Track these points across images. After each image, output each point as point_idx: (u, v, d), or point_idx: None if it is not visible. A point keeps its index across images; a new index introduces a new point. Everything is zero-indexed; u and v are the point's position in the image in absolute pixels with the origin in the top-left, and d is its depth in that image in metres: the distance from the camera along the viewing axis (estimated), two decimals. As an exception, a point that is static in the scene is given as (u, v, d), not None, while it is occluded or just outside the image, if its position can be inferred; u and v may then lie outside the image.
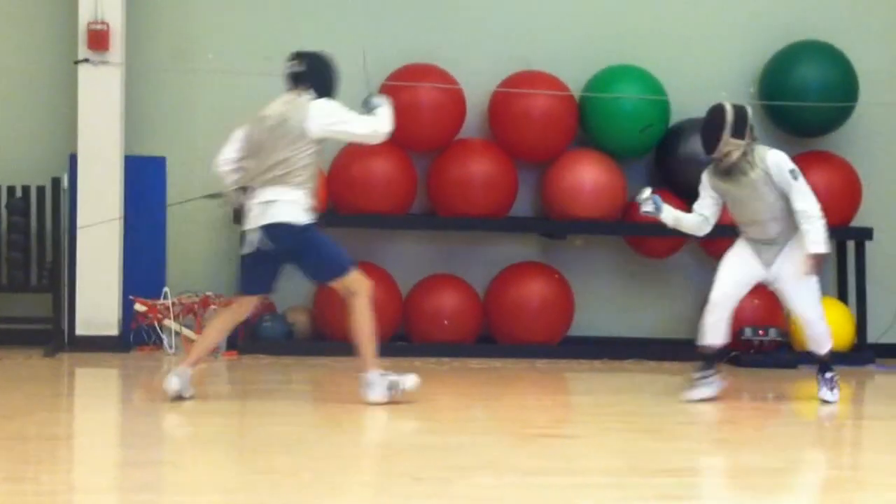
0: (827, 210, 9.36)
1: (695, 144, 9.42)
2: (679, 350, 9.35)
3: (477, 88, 9.36)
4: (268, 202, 6.77)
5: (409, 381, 6.94)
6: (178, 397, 6.85)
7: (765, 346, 9.09)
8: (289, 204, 6.76)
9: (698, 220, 7.58)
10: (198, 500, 4.90)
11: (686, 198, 9.40)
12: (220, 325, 7.14)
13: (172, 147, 9.31)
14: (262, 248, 6.77)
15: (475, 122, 9.46)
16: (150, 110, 9.30)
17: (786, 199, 7.24)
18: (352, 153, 9.22)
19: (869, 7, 9.93)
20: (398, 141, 9.24)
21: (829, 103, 9.44)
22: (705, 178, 7.46)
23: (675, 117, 9.50)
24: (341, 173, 9.20)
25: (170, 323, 8.85)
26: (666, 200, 8.17)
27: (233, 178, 6.92)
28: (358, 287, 6.96)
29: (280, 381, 8.17)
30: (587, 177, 9.23)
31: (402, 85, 9.12)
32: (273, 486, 5.11)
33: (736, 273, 7.41)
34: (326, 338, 9.17)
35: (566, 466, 5.76)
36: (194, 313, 8.89)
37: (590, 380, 8.54)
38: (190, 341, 8.69)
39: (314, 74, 6.89)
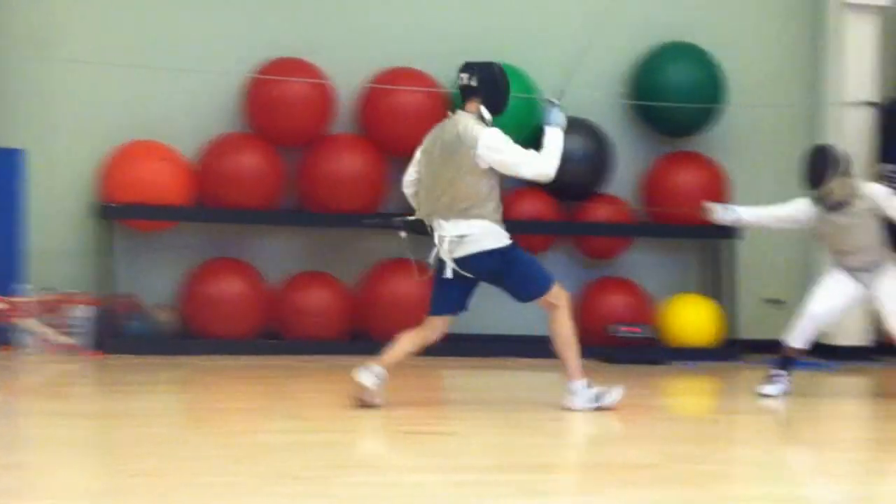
0: (696, 209, 9.63)
1: (567, 142, 9.50)
2: (550, 347, 9.39)
3: (348, 83, 9.27)
4: (460, 236, 6.67)
5: (615, 393, 6.92)
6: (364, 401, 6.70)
7: (636, 342, 9.19)
8: (482, 236, 6.66)
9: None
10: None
11: (558, 195, 9.47)
12: (409, 346, 6.95)
13: (32, 139, 8.98)
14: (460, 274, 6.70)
15: (346, 118, 9.37)
16: (8, 101, 8.96)
17: (878, 223, 7.82)
18: (220, 147, 9.04)
19: (737, 11, 10.12)
20: (267, 135, 9.11)
21: (698, 104, 9.58)
22: (806, 203, 7.93)
23: (548, 115, 9.54)
24: (209, 167, 9.01)
25: (29, 321, 8.54)
26: (538, 197, 8.33)
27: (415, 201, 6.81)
28: (558, 300, 6.93)
29: (147, 381, 7.94)
30: (459, 174, 9.20)
31: (271, 79, 8.97)
32: (143, 489, 4.94)
33: (835, 296, 7.90)
34: (194, 336, 8.95)
35: (443, 463, 5.72)
36: (55, 311, 8.58)
37: (466, 377, 8.52)
38: (50, 340, 8.44)
39: (485, 88, 6.67)
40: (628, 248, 9.73)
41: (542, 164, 6.69)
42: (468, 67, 6.75)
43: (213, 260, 9.09)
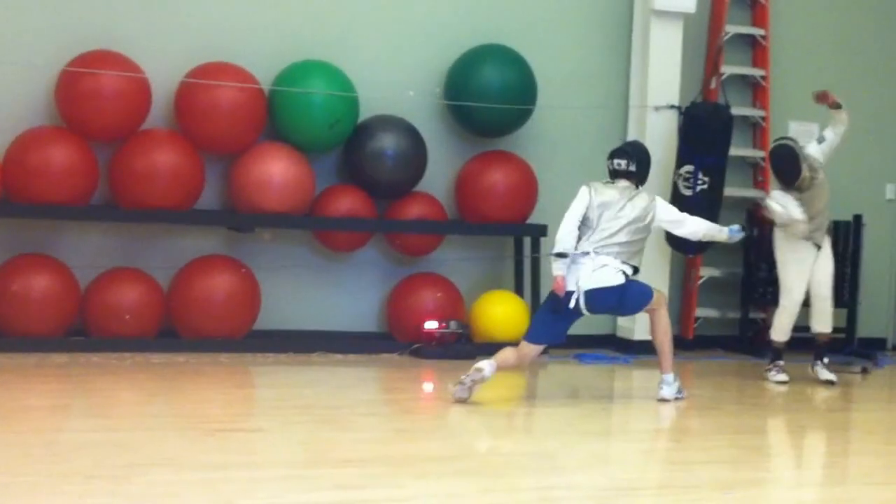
0: (506, 208, 9.86)
1: (381, 140, 9.66)
2: (364, 343, 9.53)
3: (164, 78, 9.18)
4: (602, 267, 7.61)
5: (684, 394, 7.99)
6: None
7: (445, 337, 9.33)
8: (616, 271, 7.64)
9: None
10: None
11: (372, 192, 9.59)
12: (502, 362, 7.57)
13: None
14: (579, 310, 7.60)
15: (162, 113, 9.27)
16: None
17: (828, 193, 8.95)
18: (28, 140, 8.86)
19: (550, 15, 10.29)
20: (78, 129, 8.98)
21: (509, 105, 9.78)
22: (780, 193, 8.94)
23: (364, 114, 9.63)
24: (16, 161, 8.81)
25: None
26: (352, 195, 8.48)
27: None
28: (659, 303, 7.87)
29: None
30: (275, 170, 9.22)
31: (83, 72, 8.85)
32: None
33: (803, 281, 8.94)
34: (0, 333, 8.77)
35: (247, 460, 5.77)
36: None
37: (275, 373, 8.51)
38: None
39: (643, 170, 7.95)
40: (441, 246, 9.89)
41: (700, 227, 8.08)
42: (626, 154, 7.95)
43: (21, 256, 8.92)
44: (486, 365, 7.43)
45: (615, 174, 7.90)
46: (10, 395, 7.31)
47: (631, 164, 7.86)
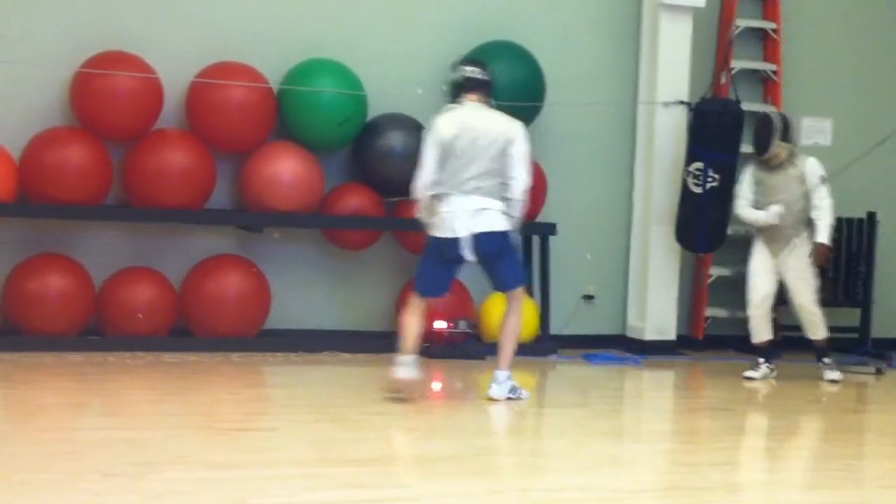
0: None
1: (391, 139, 9.69)
2: (374, 342, 9.57)
3: (175, 78, 9.23)
4: (478, 210, 7.19)
5: (525, 393, 7.55)
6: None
7: (454, 337, 9.35)
8: (497, 213, 7.22)
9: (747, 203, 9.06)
10: None
11: (382, 190, 9.64)
12: (412, 342, 7.42)
13: None
14: (466, 256, 7.26)
15: (173, 113, 9.32)
16: None
17: (806, 200, 8.78)
18: (44, 141, 8.95)
19: (558, 10, 10.29)
20: (92, 129, 9.06)
21: (517, 102, 9.77)
22: (749, 172, 9.00)
23: (373, 112, 9.67)
24: (32, 161, 8.91)
25: None
26: (361, 193, 8.54)
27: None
28: (522, 295, 7.56)
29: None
30: (285, 169, 9.28)
31: (96, 73, 8.93)
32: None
33: (764, 276, 8.89)
34: (16, 332, 8.87)
35: (259, 459, 5.81)
36: None
37: (285, 372, 8.56)
38: None
39: (490, 84, 7.41)
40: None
41: (529, 176, 7.41)
42: (478, 62, 7.49)
43: (38, 256, 9.01)
44: (406, 362, 7.36)
45: (464, 87, 7.37)
46: (28, 394, 7.41)
47: (486, 72, 7.40)
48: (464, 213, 7.21)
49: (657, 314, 10.06)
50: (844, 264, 10.54)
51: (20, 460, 5.50)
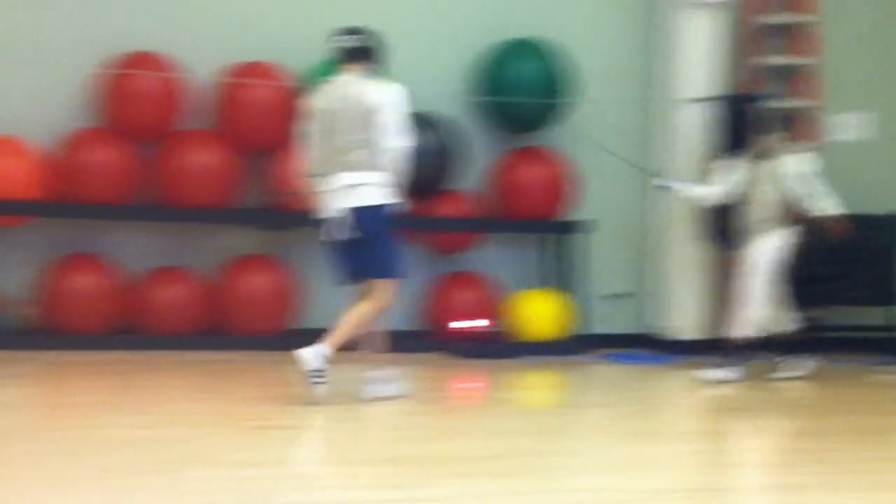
0: (545, 204, 9.87)
1: (416, 138, 9.62)
2: (400, 341, 9.52)
3: (202, 77, 9.29)
4: (352, 185, 6.75)
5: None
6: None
7: (483, 336, 9.36)
8: (373, 187, 6.78)
9: (715, 193, 8.84)
10: None
11: (408, 190, 9.62)
12: (344, 335, 7.01)
13: None
14: (340, 235, 6.76)
15: (199, 112, 9.39)
16: None
17: (783, 194, 8.52)
18: (75, 142, 9.05)
19: (581, 6, 10.30)
20: (120, 130, 9.14)
21: (543, 99, 9.76)
22: (738, 162, 8.73)
23: (398, 110, 9.70)
24: (63, 161, 9.01)
25: None
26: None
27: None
28: (386, 293, 6.98)
29: (2, 375, 7.94)
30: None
31: (124, 73, 9.00)
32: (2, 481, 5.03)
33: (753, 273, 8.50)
34: (49, 331, 8.96)
35: (283, 458, 5.84)
36: None
37: (313, 371, 8.59)
38: None
39: (372, 52, 6.91)
40: (478, 243, 9.93)
41: (406, 145, 6.88)
42: (359, 30, 7.05)
43: (68, 255, 9.11)
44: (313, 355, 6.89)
45: (341, 58, 7.01)
46: (59, 392, 7.52)
47: (363, 38, 7.05)
48: (339, 190, 6.81)
49: (685, 314, 10.02)
50: (870, 262, 10.40)
51: (49, 458, 5.54)
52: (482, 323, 9.41)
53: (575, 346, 9.71)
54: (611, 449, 6.50)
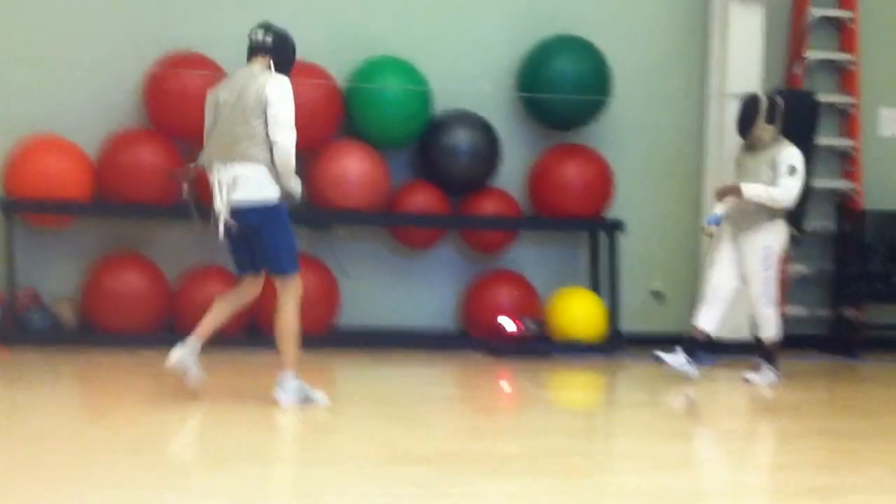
0: (581, 202, 9.87)
1: (455, 136, 9.75)
2: (440, 340, 9.65)
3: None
4: (237, 177, 6.64)
5: (321, 397, 6.91)
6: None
7: (522, 335, 9.35)
8: (259, 180, 6.66)
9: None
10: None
11: (446, 188, 9.71)
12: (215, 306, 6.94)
13: None
14: (228, 227, 6.64)
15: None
16: None
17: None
18: (119, 142, 9.15)
19: (622, 5, 10.28)
20: (164, 129, 9.22)
21: (583, 97, 9.75)
22: (735, 152, 8.66)
23: (438, 108, 9.71)
24: (107, 162, 9.11)
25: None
26: (427, 191, 8.64)
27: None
28: (291, 292, 6.91)
29: (48, 374, 8.07)
30: (351, 167, 9.38)
31: (168, 73, 9.09)
32: (43, 478, 5.13)
33: (721, 266, 8.41)
34: (94, 329, 9.07)
35: (326, 456, 5.89)
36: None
37: (352, 370, 8.66)
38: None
39: (279, 50, 6.84)
40: (515, 242, 9.94)
41: (292, 140, 6.75)
42: (267, 26, 6.96)
43: (113, 254, 9.21)
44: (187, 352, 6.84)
45: (250, 51, 6.93)
46: (104, 390, 7.64)
47: (271, 36, 6.92)
48: (225, 182, 6.70)
49: (730, 312, 9.94)
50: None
51: (95, 454, 5.64)
52: (525, 322, 9.39)
53: (615, 345, 9.70)
54: (655, 448, 6.47)
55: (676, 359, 8.37)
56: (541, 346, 9.37)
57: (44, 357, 8.49)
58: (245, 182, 6.65)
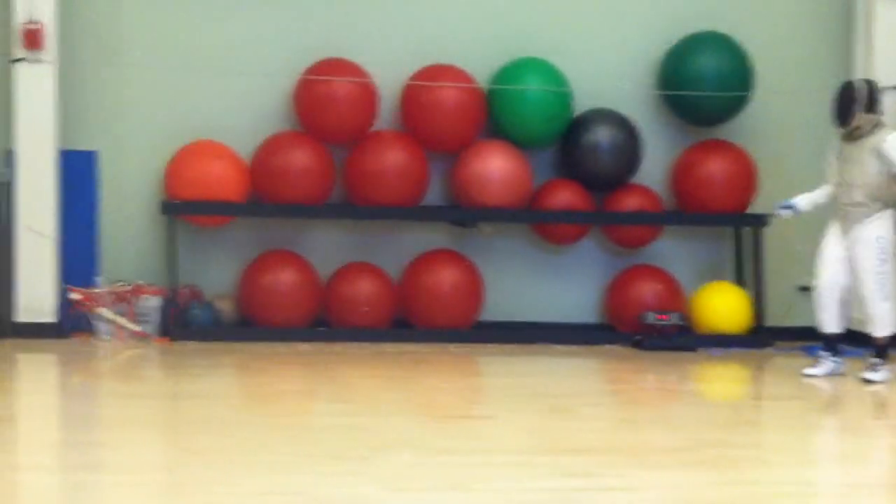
0: (725, 197, 9.86)
1: (596, 133, 9.84)
2: (585, 334, 9.76)
3: (389, 82, 9.59)
4: None
5: None
6: None
7: (666, 329, 9.40)
8: None
9: (827, 190, 8.39)
10: (133, 479, 5.15)
11: (590, 186, 9.83)
12: None
13: (104, 141, 9.51)
14: None
15: (388, 115, 9.69)
16: (81, 106, 9.47)
17: (883, 177, 8.09)
18: (273, 146, 9.51)
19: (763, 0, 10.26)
20: (315, 133, 9.56)
21: (726, 93, 9.74)
22: (833, 146, 8.38)
23: (579, 108, 9.82)
24: (262, 164, 9.48)
25: (103, 310, 9.12)
26: (570, 188, 8.71)
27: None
28: None
29: (209, 366, 8.39)
30: (495, 166, 9.54)
31: (318, 79, 9.41)
32: (204, 464, 5.37)
33: (830, 262, 8.18)
34: (251, 324, 9.44)
35: (478, 447, 6.00)
36: (127, 301, 9.18)
37: (499, 363, 8.80)
38: (122, 328, 8.99)
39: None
40: (658, 237, 9.97)
41: None
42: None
43: (268, 252, 9.57)
44: None
45: None
46: (263, 381, 7.93)
47: None
48: None
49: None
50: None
51: (257, 443, 5.86)
52: (671, 316, 9.41)
53: (759, 338, 9.65)
54: (809, 441, 6.43)
55: (822, 368, 8.29)
56: (685, 339, 9.38)
57: (205, 350, 8.86)
58: None
